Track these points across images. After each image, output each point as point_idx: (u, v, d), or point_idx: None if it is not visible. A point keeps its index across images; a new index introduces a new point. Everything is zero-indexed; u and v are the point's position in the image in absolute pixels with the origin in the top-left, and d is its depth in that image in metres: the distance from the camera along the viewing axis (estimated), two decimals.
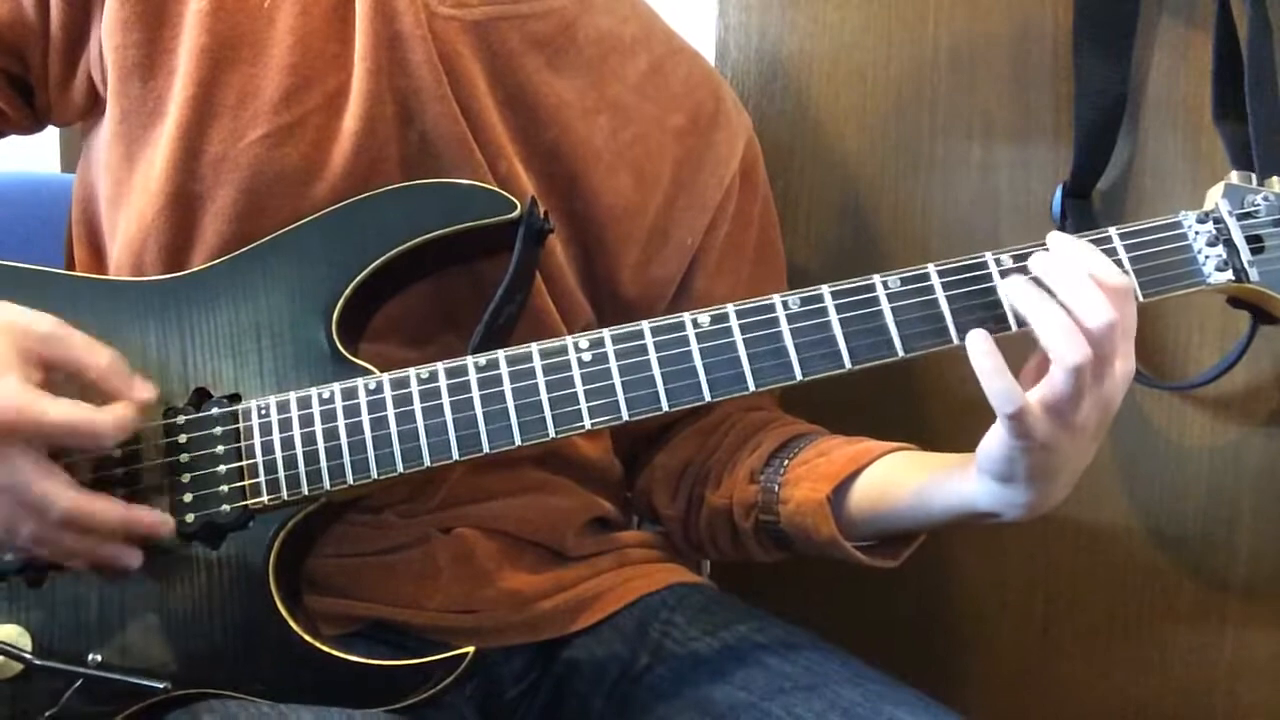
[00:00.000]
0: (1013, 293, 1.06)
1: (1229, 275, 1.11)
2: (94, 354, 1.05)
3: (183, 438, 1.11)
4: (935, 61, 1.60)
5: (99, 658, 1.08)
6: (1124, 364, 1.05)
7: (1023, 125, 1.57)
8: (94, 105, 1.25)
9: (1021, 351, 1.08)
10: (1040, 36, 1.55)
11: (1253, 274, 1.11)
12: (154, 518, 1.07)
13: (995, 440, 1.06)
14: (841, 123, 1.65)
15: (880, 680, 1.20)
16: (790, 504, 1.26)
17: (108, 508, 1.05)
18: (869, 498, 1.23)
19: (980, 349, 1.03)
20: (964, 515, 1.15)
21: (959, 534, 1.65)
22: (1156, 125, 1.51)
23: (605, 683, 1.28)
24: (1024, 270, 1.07)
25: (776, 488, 1.28)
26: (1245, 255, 1.11)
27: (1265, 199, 1.13)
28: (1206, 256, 1.11)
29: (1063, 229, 1.46)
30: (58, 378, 1.05)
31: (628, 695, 1.26)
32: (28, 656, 1.07)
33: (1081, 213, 1.50)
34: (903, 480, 1.21)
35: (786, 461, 1.29)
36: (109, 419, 1.03)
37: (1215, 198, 1.14)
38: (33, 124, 1.29)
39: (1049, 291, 1.05)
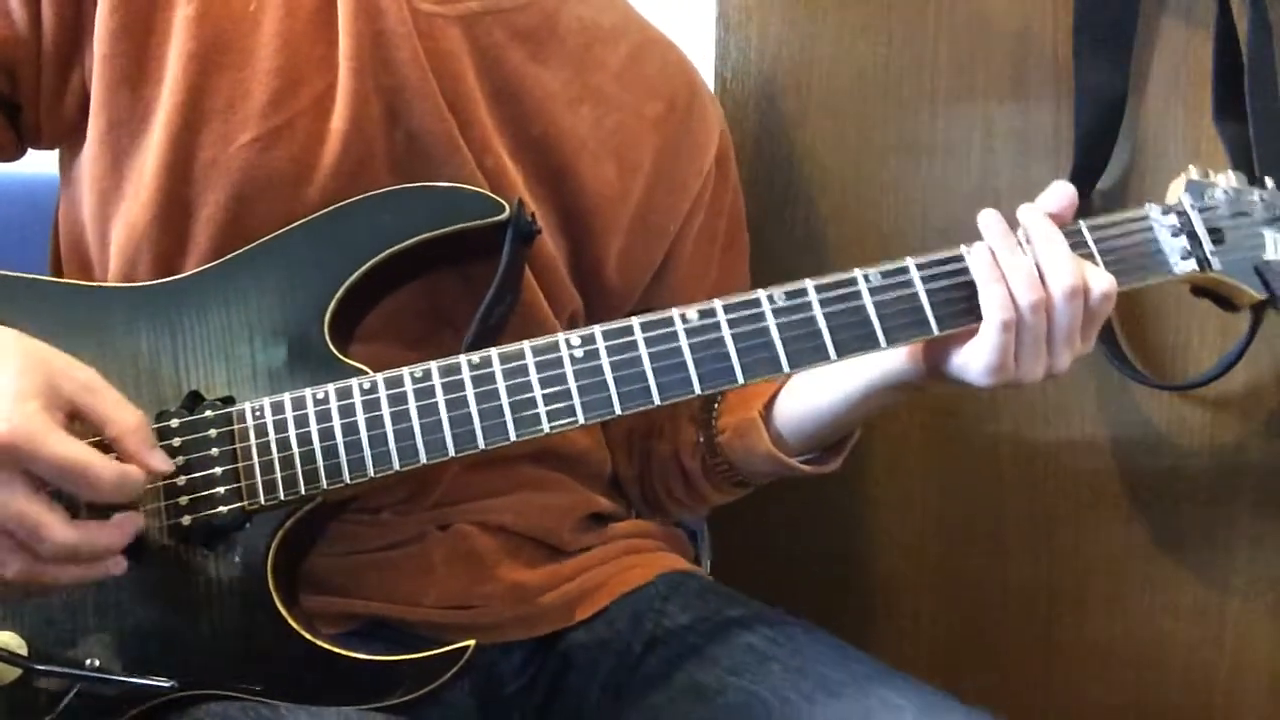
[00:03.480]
0: (973, 261, 1.12)
1: (1193, 265, 1.16)
2: (121, 412, 1.02)
3: (177, 440, 1.10)
4: (935, 61, 1.60)
5: (97, 662, 1.08)
6: (1059, 357, 1.12)
7: (1022, 125, 1.57)
8: (84, 121, 1.23)
9: None
10: (1040, 36, 1.55)
11: (1215, 263, 1.16)
12: (135, 522, 1.04)
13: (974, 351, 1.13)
14: (841, 123, 1.65)
15: (868, 664, 1.21)
16: (727, 431, 1.31)
17: (98, 535, 1.01)
18: (796, 401, 1.28)
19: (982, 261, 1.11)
20: (887, 382, 1.21)
21: (960, 533, 1.65)
22: (1156, 125, 1.51)
23: (600, 673, 1.28)
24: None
25: (714, 420, 1.33)
26: (1207, 245, 1.16)
27: (1224, 192, 1.18)
28: (1172, 247, 1.16)
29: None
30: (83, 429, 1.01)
31: (622, 685, 1.27)
32: (26, 662, 1.06)
33: (1081, 213, 1.50)
34: (823, 375, 1.24)
35: (720, 395, 1.33)
36: (112, 473, 0.98)
37: (1177, 192, 1.18)
38: (15, 149, 1.27)
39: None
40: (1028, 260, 1.10)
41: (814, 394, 1.26)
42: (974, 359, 1.12)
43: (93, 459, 0.98)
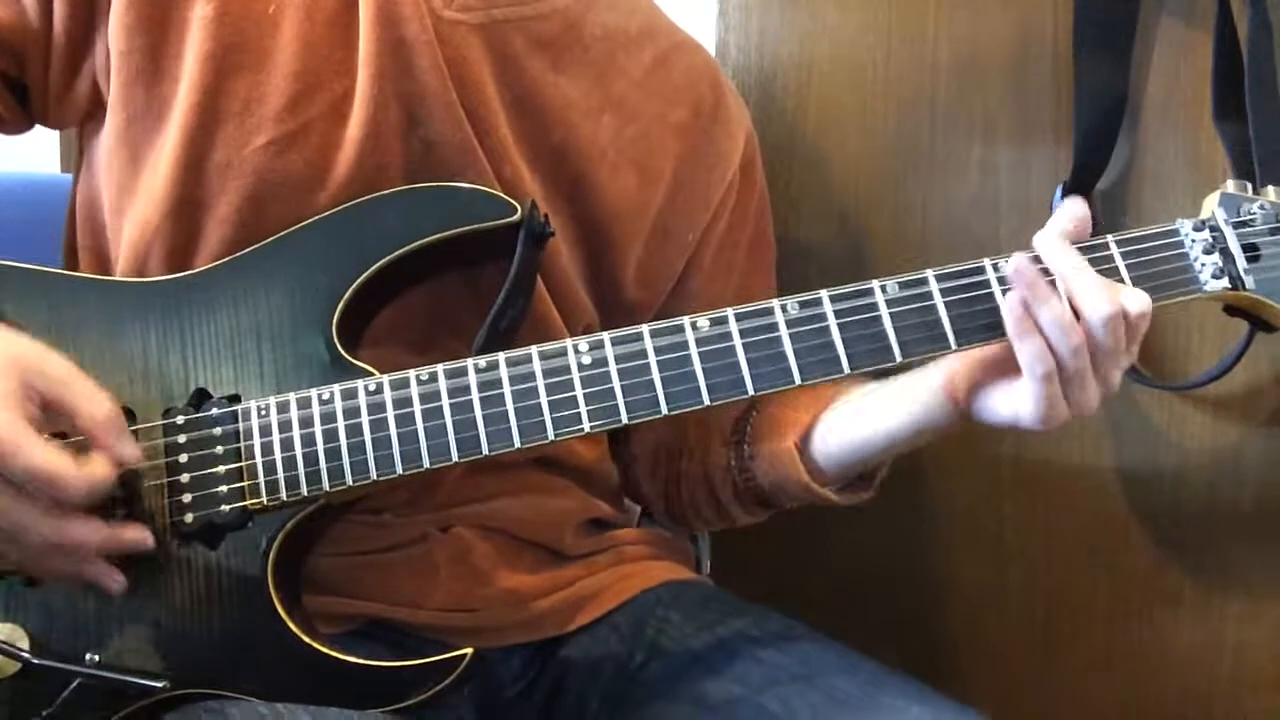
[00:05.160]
0: (1005, 313, 1.08)
1: (1225, 283, 1.12)
2: (93, 404, 1.04)
3: (182, 438, 1.11)
4: (935, 61, 1.60)
5: (97, 657, 1.08)
6: (1109, 381, 1.09)
7: (1023, 125, 1.57)
8: (96, 109, 1.24)
9: None
10: (1040, 36, 1.55)
11: (1248, 282, 1.12)
12: (135, 534, 1.06)
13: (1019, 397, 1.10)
14: (841, 123, 1.65)
15: (875, 670, 1.20)
16: (760, 458, 1.29)
17: (88, 531, 1.04)
18: (837, 438, 1.25)
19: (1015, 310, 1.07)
20: (925, 419, 1.19)
21: (961, 534, 1.65)
22: (1156, 125, 1.51)
23: (601, 680, 1.28)
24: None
25: (746, 444, 1.31)
26: (1241, 263, 1.12)
27: (1261, 207, 1.13)
28: (1203, 264, 1.12)
29: None
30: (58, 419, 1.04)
31: (624, 692, 1.27)
32: (25, 656, 1.07)
33: None
34: (862, 403, 1.23)
35: (753, 415, 1.32)
36: (81, 478, 1.01)
37: (1211, 206, 1.15)
38: (25, 125, 1.29)
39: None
40: (1060, 304, 1.06)
41: (855, 430, 1.23)
42: (1024, 411, 1.10)
43: (63, 466, 1.00)
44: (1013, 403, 1.11)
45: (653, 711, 1.23)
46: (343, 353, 1.13)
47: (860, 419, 1.23)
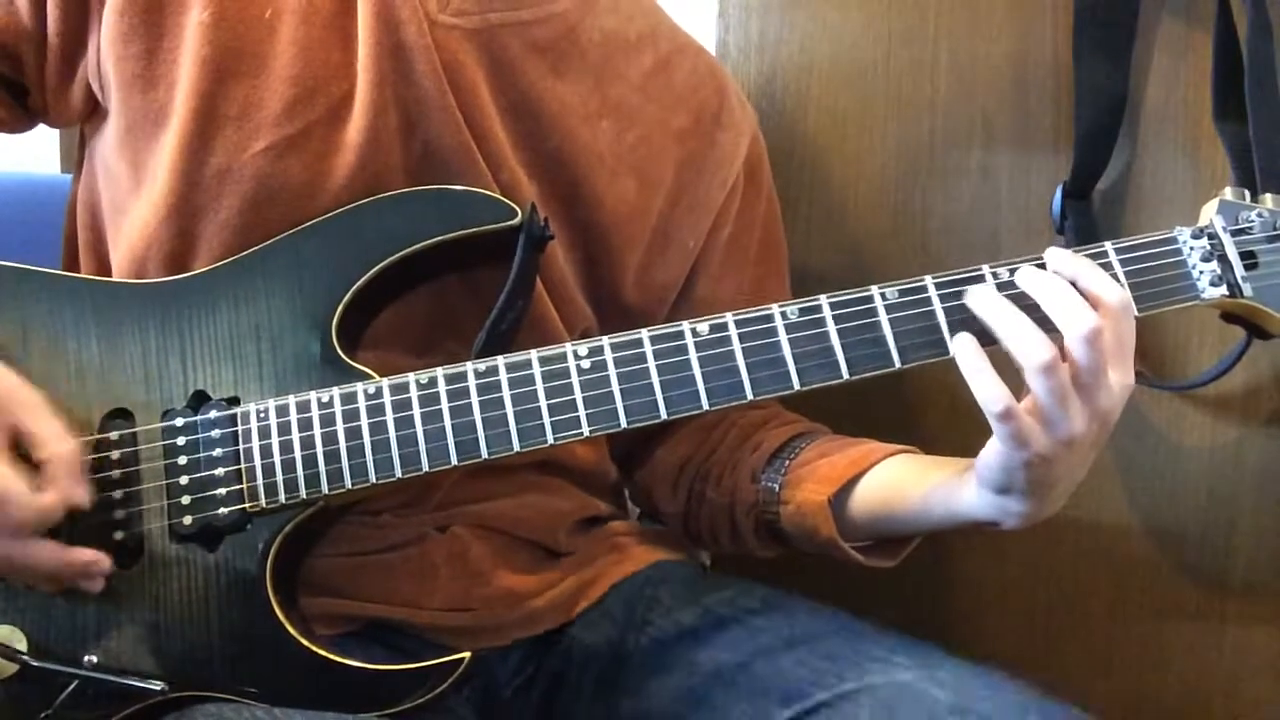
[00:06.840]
0: (973, 301, 1.06)
1: (1223, 290, 1.11)
2: (58, 439, 1.06)
3: (181, 440, 1.11)
4: (935, 62, 1.60)
5: (95, 659, 1.08)
6: (1121, 377, 1.04)
7: (1022, 126, 1.57)
8: (92, 111, 1.25)
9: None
10: (1040, 37, 1.55)
11: (1246, 289, 1.12)
12: (88, 557, 1.07)
13: (993, 452, 1.06)
14: (841, 123, 1.64)
15: (865, 628, 1.21)
16: (791, 505, 1.27)
17: (43, 553, 1.05)
18: (869, 502, 1.23)
19: (967, 350, 1.03)
20: (963, 523, 1.16)
21: (960, 534, 1.64)
22: (1156, 126, 1.51)
23: (596, 665, 1.28)
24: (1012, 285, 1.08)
25: (778, 488, 1.29)
26: (1239, 271, 1.12)
27: (1259, 215, 1.13)
28: (1201, 272, 1.12)
29: (1062, 230, 1.47)
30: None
31: (616, 672, 1.27)
32: (23, 657, 1.07)
33: (1081, 214, 1.50)
34: (904, 486, 1.21)
35: (788, 462, 1.30)
36: (31, 503, 1.03)
37: (1210, 213, 1.15)
38: (25, 124, 1.29)
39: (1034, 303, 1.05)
40: (1016, 313, 1.04)
41: (893, 503, 1.22)
42: (987, 451, 1.07)
43: (14, 490, 1.02)
44: (992, 472, 1.08)
45: (645, 686, 1.24)
46: (342, 355, 1.13)
47: (895, 479, 1.22)
